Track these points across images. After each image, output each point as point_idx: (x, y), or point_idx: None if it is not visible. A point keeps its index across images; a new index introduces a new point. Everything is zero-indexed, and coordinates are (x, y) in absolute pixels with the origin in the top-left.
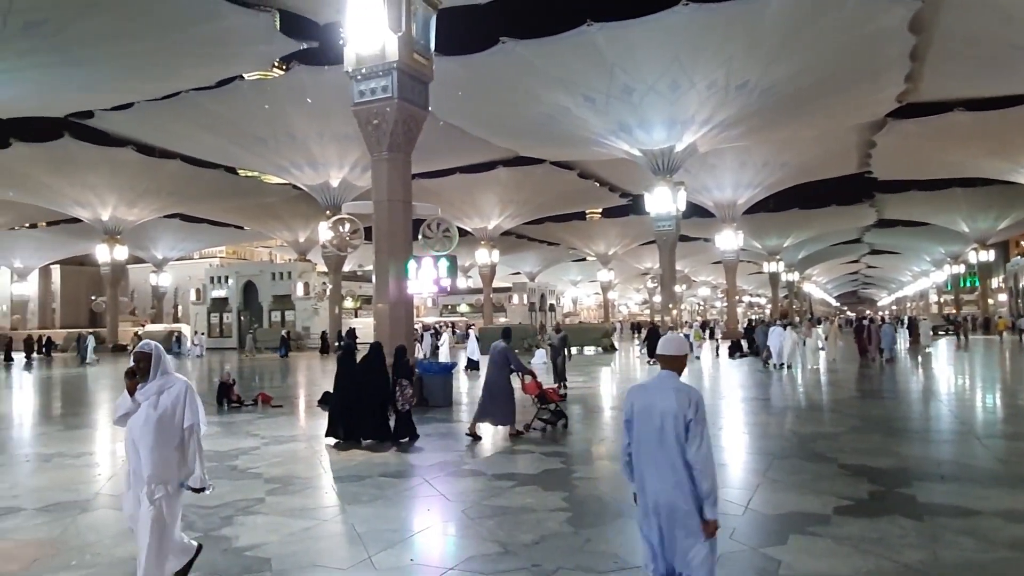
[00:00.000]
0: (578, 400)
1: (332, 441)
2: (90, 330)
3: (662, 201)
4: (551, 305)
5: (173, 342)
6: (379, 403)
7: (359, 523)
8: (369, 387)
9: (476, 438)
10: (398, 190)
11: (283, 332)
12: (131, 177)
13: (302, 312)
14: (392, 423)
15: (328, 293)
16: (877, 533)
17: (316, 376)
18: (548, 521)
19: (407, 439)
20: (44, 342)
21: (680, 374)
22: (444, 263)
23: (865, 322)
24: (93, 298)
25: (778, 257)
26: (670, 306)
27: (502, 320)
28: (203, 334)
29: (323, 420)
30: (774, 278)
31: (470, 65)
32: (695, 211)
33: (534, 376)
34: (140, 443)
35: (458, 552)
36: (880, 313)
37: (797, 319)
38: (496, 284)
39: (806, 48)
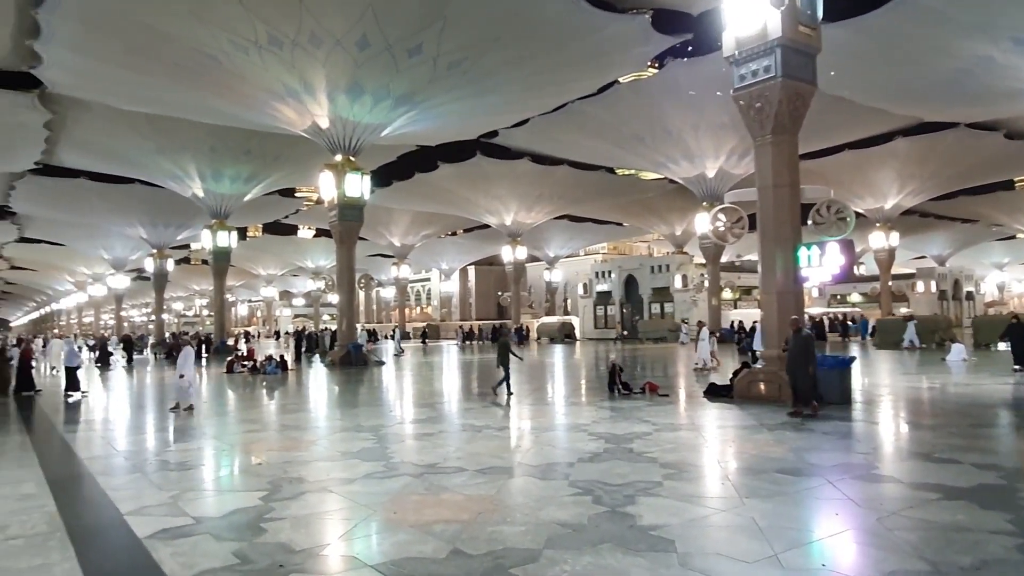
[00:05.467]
0: (1009, 404)
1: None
2: (395, 325)
3: None
4: (968, 293)
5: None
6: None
7: (759, 517)
8: None
9: None
10: (784, 174)
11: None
12: (528, 185)
13: (680, 304)
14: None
15: (706, 284)
16: None
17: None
18: (989, 544)
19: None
20: (470, 331)
21: None
22: (834, 247)
23: None
24: (500, 293)
25: None
26: None
27: (903, 311)
28: (685, 321)
29: (708, 410)
30: None
31: (862, 27)
32: None
33: None
34: None
35: (876, 564)
36: None
37: None
38: (895, 270)
39: None
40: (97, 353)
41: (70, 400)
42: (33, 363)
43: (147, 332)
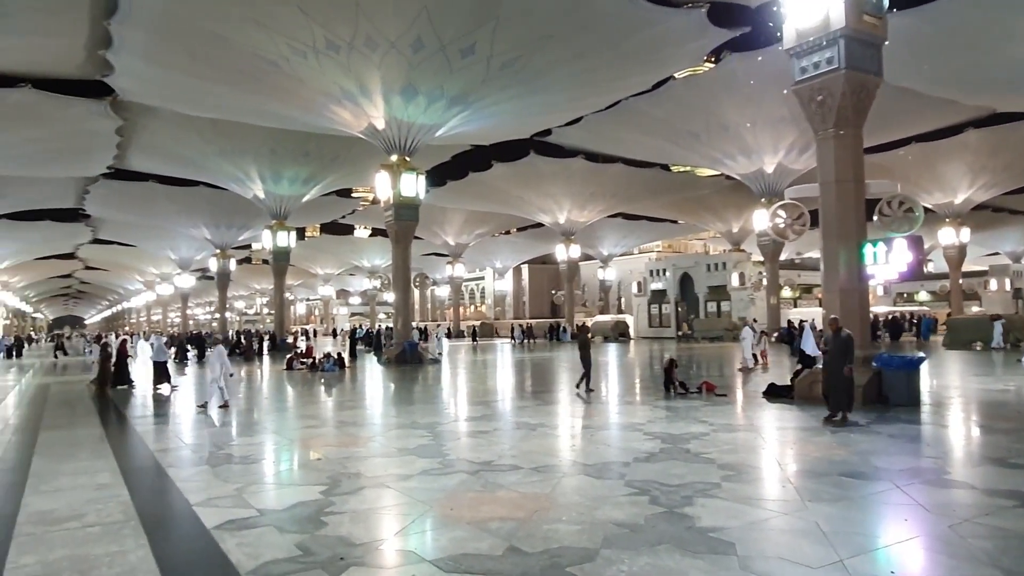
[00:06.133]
0: None
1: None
2: (439, 323)
3: None
4: None
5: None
6: None
7: (823, 521)
8: None
9: None
10: (847, 169)
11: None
12: (581, 183)
13: (738, 302)
14: None
15: (764, 283)
16: None
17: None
18: None
19: None
20: (528, 329)
21: None
22: (901, 244)
23: None
24: (553, 292)
25: None
26: None
27: (975, 309)
28: (747, 319)
29: (767, 411)
30: None
31: (931, 15)
32: None
33: None
34: None
35: (949, 572)
36: None
37: None
38: (966, 267)
39: None
40: (175, 350)
41: (159, 392)
42: (129, 358)
43: (212, 330)
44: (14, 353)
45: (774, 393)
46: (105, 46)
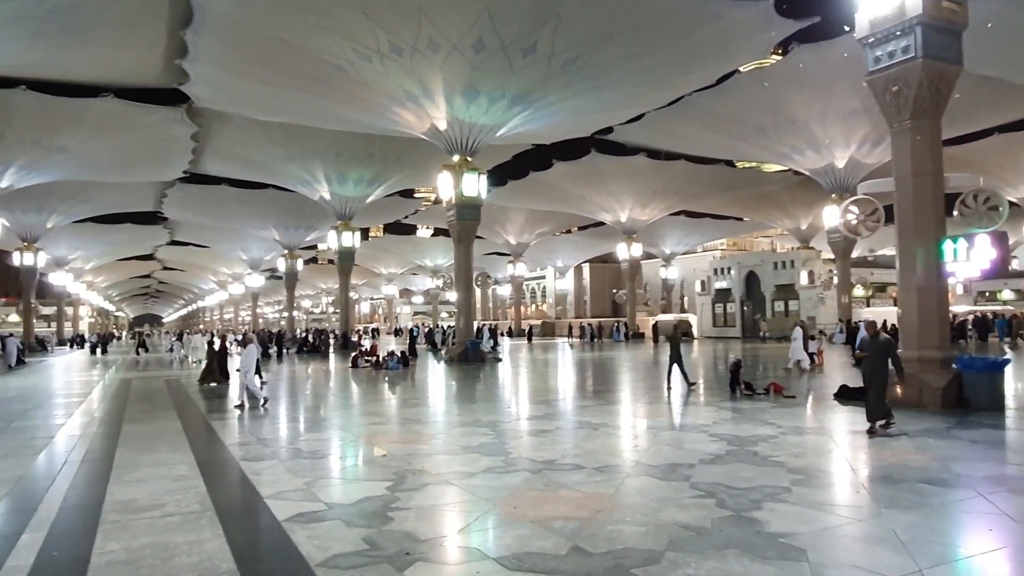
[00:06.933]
0: None
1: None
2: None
3: None
4: None
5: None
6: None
7: (900, 530)
8: None
9: None
10: (925, 162)
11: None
12: (643, 181)
13: (806, 301)
14: None
15: (835, 281)
16: None
17: (827, 367)
18: None
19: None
20: (597, 328)
21: None
22: (984, 240)
23: None
24: (615, 291)
25: None
26: None
27: None
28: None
29: (839, 414)
30: None
31: None
32: None
33: None
34: None
35: None
36: None
37: None
38: None
39: None
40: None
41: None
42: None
43: (281, 328)
44: (99, 349)
45: (846, 395)
46: (181, 55)
